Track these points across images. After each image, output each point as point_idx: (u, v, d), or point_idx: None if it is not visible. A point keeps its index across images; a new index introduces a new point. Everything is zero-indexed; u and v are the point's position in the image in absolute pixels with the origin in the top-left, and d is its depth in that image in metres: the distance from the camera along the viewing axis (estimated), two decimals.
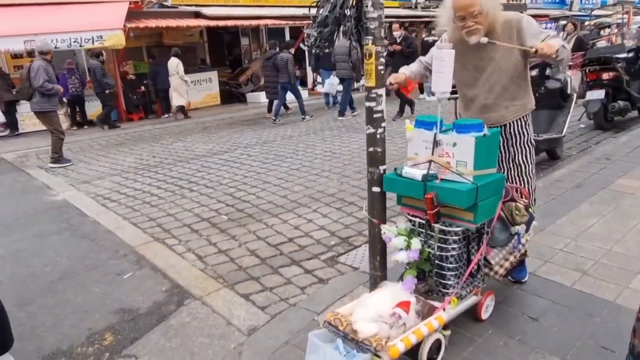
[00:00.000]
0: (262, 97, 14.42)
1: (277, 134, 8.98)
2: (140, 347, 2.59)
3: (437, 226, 2.26)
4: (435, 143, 2.24)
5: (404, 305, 2.10)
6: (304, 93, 13.59)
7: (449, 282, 2.32)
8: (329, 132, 8.81)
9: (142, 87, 12.61)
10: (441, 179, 2.19)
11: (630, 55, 7.78)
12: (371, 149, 2.39)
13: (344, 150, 7.07)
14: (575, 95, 5.72)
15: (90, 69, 10.71)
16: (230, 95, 14.26)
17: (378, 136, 2.37)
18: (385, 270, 2.58)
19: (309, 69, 15.27)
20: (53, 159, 7.24)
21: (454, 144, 2.18)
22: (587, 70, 7.10)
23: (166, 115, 12.25)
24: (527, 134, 2.70)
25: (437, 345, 2.22)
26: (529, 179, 2.75)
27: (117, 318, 2.88)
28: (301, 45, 12.90)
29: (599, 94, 6.93)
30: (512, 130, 2.67)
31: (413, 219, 2.38)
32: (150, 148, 8.36)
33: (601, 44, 8.20)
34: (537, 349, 2.31)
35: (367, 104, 2.34)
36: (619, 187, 4.52)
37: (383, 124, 2.36)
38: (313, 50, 2.29)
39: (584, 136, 7.08)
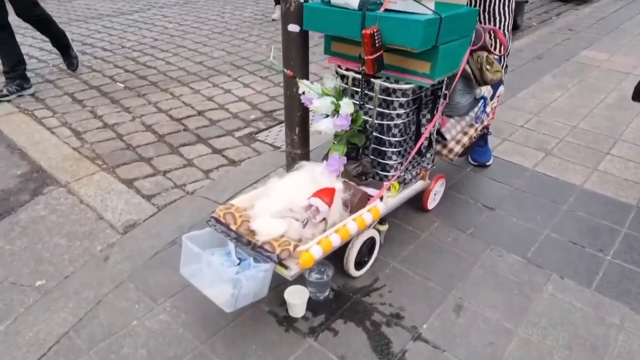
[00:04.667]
0: None
1: None
2: None
3: (377, 82, 1.57)
4: None
5: (325, 193, 1.48)
6: None
7: (390, 162, 1.70)
8: None
9: None
10: (386, 9, 1.44)
11: None
12: None
13: None
14: None
15: None
16: None
17: None
18: (307, 148, 1.91)
19: None
20: None
21: None
22: None
23: None
24: None
25: (369, 244, 1.67)
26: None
27: None
28: None
29: None
30: None
31: (346, 73, 1.67)
32: (43, 5, 6.79)
33: None
34: (493, 246, 1.83)
35: None
36: (584, 60, 3.99)
37: None
38: None
39: (544, 7, 6.38)
